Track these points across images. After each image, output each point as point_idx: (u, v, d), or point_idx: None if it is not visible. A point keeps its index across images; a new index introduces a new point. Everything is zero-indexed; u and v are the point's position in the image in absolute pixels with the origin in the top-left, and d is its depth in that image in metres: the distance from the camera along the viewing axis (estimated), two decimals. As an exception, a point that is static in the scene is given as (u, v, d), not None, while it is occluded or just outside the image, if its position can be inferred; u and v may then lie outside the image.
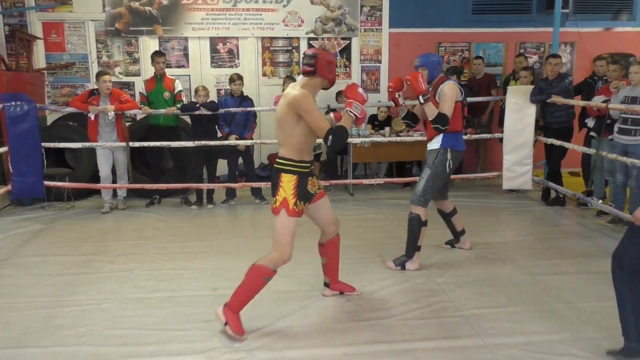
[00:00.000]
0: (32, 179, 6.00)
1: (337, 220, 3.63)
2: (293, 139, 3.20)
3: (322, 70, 3.23)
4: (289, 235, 3.20)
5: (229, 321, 3.21)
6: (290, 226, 3.20)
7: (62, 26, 7.56)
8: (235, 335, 3.18)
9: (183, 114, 6.41)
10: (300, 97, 3.12)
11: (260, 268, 3.20)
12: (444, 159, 4.24)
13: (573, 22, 7.83)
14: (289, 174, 3.21)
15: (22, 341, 3.23)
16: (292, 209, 3.19)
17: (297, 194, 3.21)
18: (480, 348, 3.08)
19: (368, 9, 7.88)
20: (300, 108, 3.11)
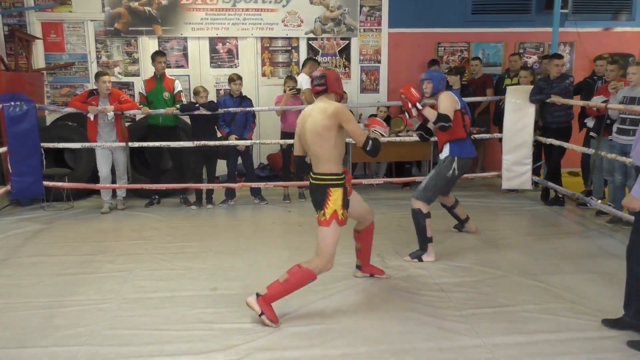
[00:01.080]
0: (32, 179, 6.00)
1: (372, 210, 4.00)
2: (336, 151, 3.44)
3: (332, 87, 3.54)
4: (335, 244, 3.45)
5: (265, 311, 3.36)
6: (338, 234, 3.45)
7: (61, 26, 7.56)
8: (272, 324, 3.35)
9: (182, 114, 6.41)
10: (343, 107, 3.42)
11: (308, 272, 3.39)
12: (450, 165, 4.56)
13: (572, 22, 7.84)
14: (337, 187, 3.43)
15: (21, 341, 3.22)
16: (342, 220, 3.45)
17: (344, 204, 3.45)
18: (480, 348, 3.08)
19: (367, 9, 7.88)
20: (344, 118, 3.38)
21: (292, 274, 3.38)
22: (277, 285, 3.38)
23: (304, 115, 3.55)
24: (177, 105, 6.34)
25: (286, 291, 3.40)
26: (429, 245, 4.52)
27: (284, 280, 3.38)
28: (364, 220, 3.96)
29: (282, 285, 3.38)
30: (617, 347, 3.06)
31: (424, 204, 4.51)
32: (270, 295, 3.38)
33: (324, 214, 3.41)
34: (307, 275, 3.38)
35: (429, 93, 4.61)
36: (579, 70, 8.01)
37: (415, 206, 4.52)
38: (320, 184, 3.44)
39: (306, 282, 3.41)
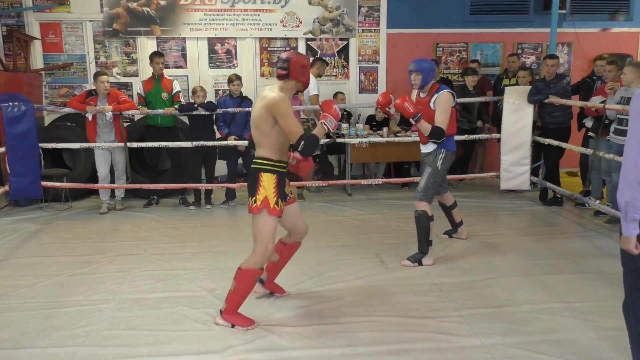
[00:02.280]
0: (30, 179, 5.99)
1: (306, 230, 3.68)
2: (270, 139, 3.26)
3: (295, 74, 3.30)
4: (271, 233, 3.27)
5: (234, 322, 3.35)
6: (272, 224, 3.27)
7: (59, 26, 7.55)
8: (249, 328, 3.33)
9: (181, 114, 6.41)
10: (278, 100, 3.18)
11: (248, 271, 3.29)
12: (441, 158, 4.48)
13: (570, 23, 7.85)
14: (268, 173, 3.27)
15: (19, 342, 3.22)
16: (274, 208, 3.24)
17: (278, 193, 3.27)
18: (478, 348, 3.09)
19: (366, 9, 7.88)
20: (277, 111, 3.17)
21: (237, 279, 3.31)
22: (230, 295, 3.36)
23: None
24: (176, 105, 6.34)
25: (240, 297, 3.35)
26: (429, 248, 4.45)
27: (233, 288, 3.33)
28: (294, 234, 3.66)
29: (234, 294, 3.34)
30: (616, 347, 3.06)
31: (428, 205, 4.43)
32: (229, 308, 3.37)
33: (255, 201, 3.24)
34: (251, 274, 3.30)
35: (418, 85, 4.44)
36: (576, 71, 8.03)
37: (420, 208, 4.42)
38: (254, 168, 3.32)
39: (254, 280, 3.35)
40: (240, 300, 3.36)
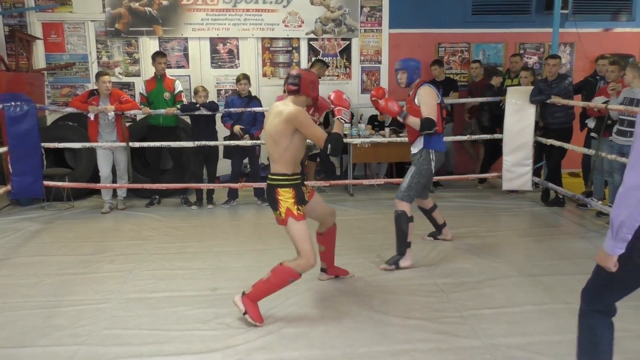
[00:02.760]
0: (32, 178, 6.00)
1: (333, 212, 3.94)
2: (289, 153, 3.40)
3: (305, 89, 3.45)
4: (307, 238, 3.40)
5: (248, 310, 3.39)
6: (303, 229, 3.40)
7: (61, 26, 7.56)
8: (255, 323, 3.37)
9: (183, 114, 6.41)
10: (297, 112, 3.31)
11: (289, 270, 3.37)
12: (427, 158, 4.43)
13: (572, 23, 7.84)
14: (285, 188, 3.42)
15: (20, 341, 3.22)
16: (298, 214, 3.40)
17: (297, 201, 3.43)
18: (479, 349, 3.08)
19: (368, 9, 7.88)
20: (300, 123, 3.31)
21: (275, 272, 3.39)
22: (261, 284, 3.40)
23: (270, 111, 3.52)
24: (178, 105, 6.35)
25: (269, 290, 3.41)
26: (407, 250, 4.36)
27: (267, 279, 3.39)
28: (324, 222, 3.90)
29: (264, 284, 3.39)
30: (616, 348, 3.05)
31: (407, 205, 4.36)
32: (254, 294, 3.40)
33: (280, 214, 3.41)
34: (289, 273, 3.36)
35: (404, 83, 4.45)
36: (579, 71, 8.01)
37: (400, 208, 4.36)
38: (270, 184, 3.46)
39: (288, 280, 3.39)
40: (267, 292, 3.42)
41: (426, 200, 4.89)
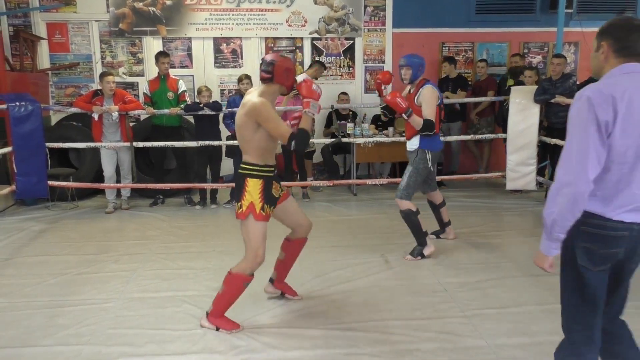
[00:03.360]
0: (36, 178, 6.02)
1: (309, 225, 3.65)
2: (253, 144, 3.24)
3: (279, 77, 3.25)
4: (260, 239, 3.25)
5: (218, 325, 3.33)
6: (259, 230, 3.24)
7: (66, 26, 7.58)
8: (233, 332, 3.30)
9: (187, 114, 6.41)
10: (259, 105, 3.14)
11: (238, 276, 3.27)
12: (424, 158, 4.50)
13: (577, 22, 7.81)
14: (254, 178, 3.25)
15: (24, 340, 3.23)
16: (259, 214, 3.22)
17: (264, 198, 3.24)
18: (483, 349, 3.08)
19: (371, 9, 7.87)
20: (259, 116, 3.14)
21: (227, 282, 3.30)
22: (218, 298, 3.34)
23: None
24: (182, 105, 6.35)
25: (228, 301, 3.33)
26: (425, 239, 4.56)
27: (222, 292, 3.32)
28: (296, 231, 3.64)
29: (221, 297, 3.32)
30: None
31: (409, 202, 4.49)
32: (215, 310, 3.35)
33: (241, 206, 3.24)
34: (239, 279, 3.27)
35: (408, 80, 4.50)
36: (583, 70, 7.98)
37: (403, 207, 4.49)
38: (240, 173, 3.30)
39: (242, 285, 3.30)
40: (227, 304, 3.34)
41: (436, 194, 4.95)
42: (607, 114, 1.91)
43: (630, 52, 1.99)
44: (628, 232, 2.02)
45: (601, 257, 2.05)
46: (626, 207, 2.00)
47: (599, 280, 2.08)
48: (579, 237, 2.06)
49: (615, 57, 2.01)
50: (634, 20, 2.00)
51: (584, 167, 1.93)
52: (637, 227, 2.02)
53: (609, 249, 2.04)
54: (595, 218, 2.03)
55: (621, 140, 1.92)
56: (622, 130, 1.91)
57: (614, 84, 1.96)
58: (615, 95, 1.91)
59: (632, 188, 1.98)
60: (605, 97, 1.91)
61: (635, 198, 1.99)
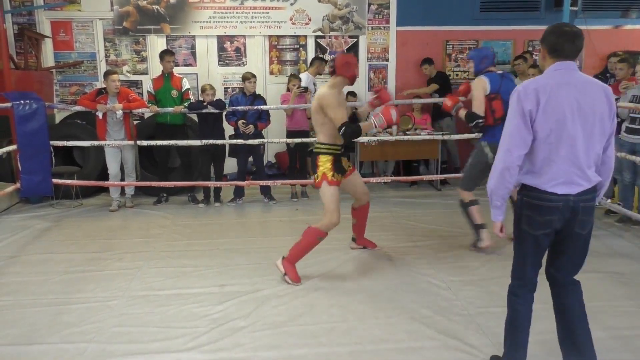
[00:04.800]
0: (41, 176, 6.02)
1: (367, 192, 4.48)
2: (325, 127, 3.95)
3: (340, 70, 3.94)
4: (335, 201, 3.95)
5: (287, 271, 3.96)
6: (333, 193, 3.96)
7: (70, 25, 7.59)
8: (293, 283, 3.93)
9: (190, 112, 6.41)
10: (325, 94, 3.89)
11: (315, 230, 3.95)
12: (482, 150, 4.51)
13: (582, 20, 7.77)
14: (325, 154, 3.99)
15: (29, 338, 3.25)
16: (331, 180, 3.97)
17: (334, 168, 3.98)
18: (487, 347, 3.08)
19: (375, 7, 7.86)
20: (325, 103, 3.85)
21: (305, 234, 3.97)
22: (295, 246, 3.98)
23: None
24: (185, 103, 6.36)
25: (302, 249, 3.97)
26: (480, 231, 4.58)
27: (299, 241, 3.97)
28: (359, 199, 4.46)
29: (297, 246, 3.97)
30: (627, 347, 3.04)
31: (466, 192, 4.62)
32: (290, 256, 3.98)
33: (317, 177, 4.00)
34: (317, 233, 3.94)
35: (472, 73, 4.59)
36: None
37: (460, 196, 4.69)
38: (314, 151, 4.08)
39: (316, 238, 3.95)
40: (300, 253, 3.98)
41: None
42: (531, 104, 2.35)
43: (559, 53, 2.39)
44: (562, 203, 2.41)
45: (539, 223, 2.48)
46: (557, 180, 2.39)
47: (538, 242, 2.56)
48: (523, 207, 2.53)
49: (550, 57, 2.42)
50: (564, 27, 2.41)
51: (509, 148, 2.40)
52: (573, 198, 2.40)
53: (544, 216, 2.46)
54: (534, 191, 2.45)
55: (543, 124, 2.35)
56: (544, 116, 2.34)
57: (542, 79, 2.40)
58: (539, 89, 2.35)
59: (559, 164, 2.38)
60: (530, 91, 2.36)
61: (563, 173, 2.38)
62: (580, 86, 2.36)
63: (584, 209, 2.44)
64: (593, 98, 2.35)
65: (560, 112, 2.32)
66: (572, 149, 2.35)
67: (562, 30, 2.39)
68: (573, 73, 2.38)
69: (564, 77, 2.37)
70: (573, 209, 2.42)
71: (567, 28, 2.40)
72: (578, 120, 2.33)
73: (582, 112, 2.33)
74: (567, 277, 2.68)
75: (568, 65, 2.38)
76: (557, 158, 2.37)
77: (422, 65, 7.58)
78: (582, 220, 2.46)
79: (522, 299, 2.70)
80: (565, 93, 2.33)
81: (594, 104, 2.34)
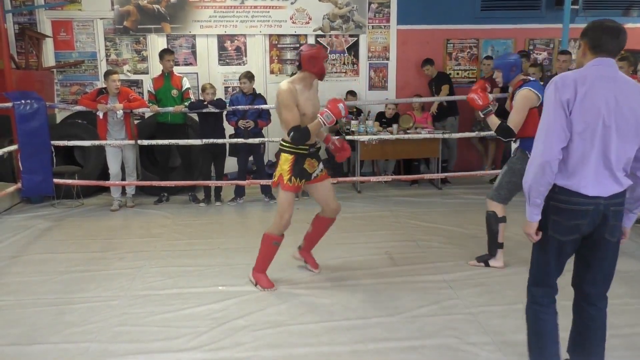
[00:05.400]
0: (42, 176, 6.03)
1: (337, 207, 4.05)
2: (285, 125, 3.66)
3: (305, 65, 3.67)
4: (285, 205, 3.75)
5: (257, 281, 3.89)
6: (285, 197, 3.75)
7: (71, 24, 7.60)
8: (267, 290, 3.84)
9: (191, 112, 6.41)
10: (280, 92, 3.63)
11: (268, 235, 3.83)
12: (522, 158, 4.05)
13: (583, 18, 7.76)
14: (286, 154, 3.74)
15: (31, 338, 3.25)
16: (286, 184, 3.72)
17: (292, 171, 3.71)
18: (489, 345, 3.07)
19: (376, 5, 7.85)
20: (279, 101, 3.64)
21: (261, 242, 3.86)
22: (258, 256, 3.90)
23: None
24: (186, 102, 6.35)
25: (263, 258, 3.88)
26: (498, 251, 4.25)
27: (259, 251, 3.88)
28: (325, 209, 4.07)
29: (259, 255, 3.89)
30: (628, 346, 3.04)
31: (498, 205, 4.16)
32: (256, 267, 3.91)
33: (274, 176, 3.82)
34: (269, 238, 3.82)
35: (501, 82, 4.20)
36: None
37: (490, 208, 4.19)
38: (279, 149, 3.82)
39: (272, 243, 3.82)
40: (262, 261, 3.88)
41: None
42: (569, 94, 2.23)
43: (601, 49, 2.30)
44: (592, 207, 2.29)
45: (567, 228, 2.35)
46: (588, 180, 2.27)
47: (563, 248, 2.41)
48: (549, 210, 2.36)
49: (591, 53, 2.34)
50: (606, 22, 2.33)
51: (550, 140, 2.25)
52: (604, 202, 2.29)
53: (573, 220, 2.33)
54: (563, 193, 2.31)
55: (579, 117, 2.23)
56: (581, 109, 2.22)
57: (582, 71, 2.32)
58: (577, 80, 2.26)
59: (591, 163, 2.26)
60: (568, 81, 2.26)
61: (594, 173, 2.26)
62: (620, 83, 2.27)
63: (615, 213, 2.32)
64: (631, 98, 2.26)
65: (597, 107, 2.22)
66: (606, 148, 2.24)
67: (606, 25, 2.31)
68: (613, 69, 2.30)
69: (604, 71, 2.28)
70: (604, 213, 2.30)
71: (611, 24, 2.31)
72: (614, 118, 2.22)
73: (619, 110, 2.23)
74: (600, 292, 2.52)
75: (608, 62, 2.30)
76: (591, 156, 2.25)
77: (424, 67, 7.57)
78: (612, 226, 2.34)
79: (546, 307, 2.52)
80: (604, 87, 2.24)
81: (631, 103, 2.25)
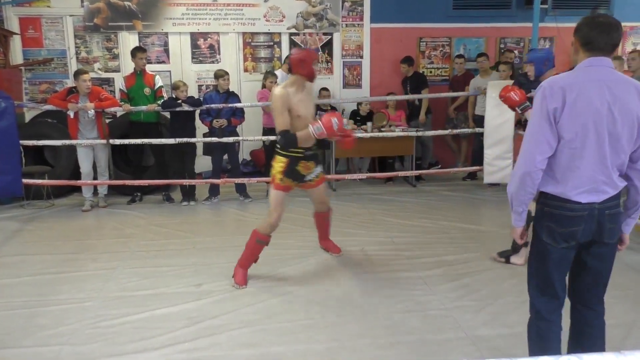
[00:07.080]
0: (10, 177, 5.86)
1: (324, 201, 4.33)
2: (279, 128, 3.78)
3: (295, 68, 3.81)
4: (275, 204, 3.87)
5: (235, 274, 3.93)
6: (276, 196, 3.88)
7: (39, 21, 7.44)
8: (236, 285, 3.87)
9: (164, 110, 6.34)
10: (273, 96, 3.79)
11: (255, 232, 3.93)
12: None
13: (552, 18, 7.91)
14: (280, 156, 3.89)
15: (2, 341, 3.18)
16: (277, 184, 3.88)
17: (285, 172, 3.86)
18: (463, 340, 3.12)
19: (349, 4, 7.88)
20: (272, 105, 3.81)
21: (250, 236, 3.94)
22: (243, 251, 3.96)
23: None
24: (159, 101, 6.28)
25: (247, 253, 3.94)
26: (522, 248, 4.15)
27: (245, 245, 3.94)
28: (317, 207, 4.37)
29: (245, 249, 3.95)
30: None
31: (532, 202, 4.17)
32: (240, 260, 3.96)
33: (270, 177, 3.95)
34: (255, 235, 3.91)
35: (532, 76, 4.22)
36: (559, 65, 7.99)
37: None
38: (275, 150, 3.97)
39: (255, 240, 3.91)
40: (245, 255, 3.95)
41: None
42: (557, 102, 2.12)
43: (592, 47, 2.17)
44: (587, 212, 2.19)
45: (562, 235, 2.24)
46: (581, 188, 2.17)
47: (562, 255, 2.29)
48: (543, 217, 2.29)
49: (583, 51, 2.21)
50: (599, 17, 2.19)
51: (532, 151, 2.18)
52: (598, 207, 2.19)
53: (568, 227, 2.23)
54: (555, 200, 2.23)
55: (568, 126, 2.12)
56: (569, 117, 2.11)
57: (572, 75, 2.18)
58: (565, 87, 2.12)
59: (583, 170, 2.15)
60: (556, 88, 2.13)
61: (587, 180, 2.16)
62: (613, 85, 2.11)
63: (610, 216, 2.21)
64: (626, 98, 2.11)
65: (587, 114, 2.09)
66: (599, 153, 2.12)
67: (596, 21, 2.17)
68: (606, 70, 2.14)
69: (595, 74, 2.13)
70: (598, 218, 2.19)
71: (602, 19, 2.17)
72: (605, 124, 2.10)
73: (611, 115, 2.09)
74: (597, 298, 2.40)
75: (601, 62, 2.15)
76: (582, 163, 2.14)
77: (402, 63, 7.56)
78: (610, 229, 2.23)
79: (552, 324, 2.35)
80: (595, 93, 2.10)
81: (626, 105, 2.10)
